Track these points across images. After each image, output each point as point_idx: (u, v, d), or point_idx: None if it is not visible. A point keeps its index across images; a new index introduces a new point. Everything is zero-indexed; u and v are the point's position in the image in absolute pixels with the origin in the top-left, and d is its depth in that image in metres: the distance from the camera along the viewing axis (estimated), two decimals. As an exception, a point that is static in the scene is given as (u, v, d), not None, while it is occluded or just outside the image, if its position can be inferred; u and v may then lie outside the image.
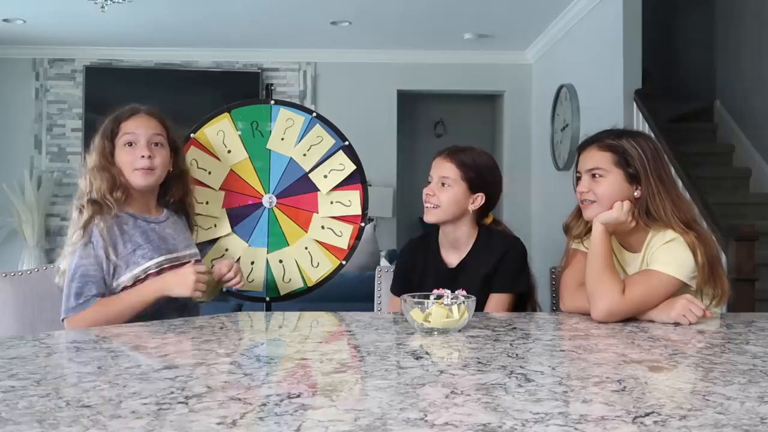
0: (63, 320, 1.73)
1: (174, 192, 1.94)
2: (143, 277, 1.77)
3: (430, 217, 1.91)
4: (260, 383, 1.02)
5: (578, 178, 1.77)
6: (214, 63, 6.37)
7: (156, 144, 1.84)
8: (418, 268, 1.97)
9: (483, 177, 1.91)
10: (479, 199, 1.90)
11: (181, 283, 1.74)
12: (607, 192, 1.69)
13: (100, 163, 1.80)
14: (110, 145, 1.82)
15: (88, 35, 5.86)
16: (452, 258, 1.93)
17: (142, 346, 1.30)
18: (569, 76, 5.27)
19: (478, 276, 1.85)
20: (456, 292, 1.50)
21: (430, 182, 1.92)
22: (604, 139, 1.74)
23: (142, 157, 1.80)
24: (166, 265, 1.80)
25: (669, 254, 1.64)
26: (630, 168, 1.69)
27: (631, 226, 1.70)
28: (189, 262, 1.83)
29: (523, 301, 1.92)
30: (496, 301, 1.84)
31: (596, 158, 1.71)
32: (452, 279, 1.83)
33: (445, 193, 1.88)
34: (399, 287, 1.97)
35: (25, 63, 6.28)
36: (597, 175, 1.70)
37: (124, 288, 1.76)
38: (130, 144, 1.82)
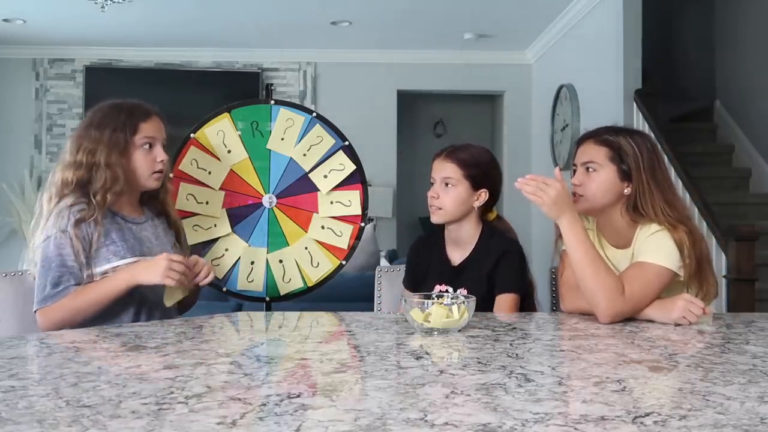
0: (36, 311, 1.67)
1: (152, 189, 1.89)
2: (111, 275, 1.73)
3: (436, 219, 1.92)
4: (260, 383, 1.02)
5: (574, 171, 1.77)
6: (214, 63, 6.36)
7: (164, 147, 1.85)
8: (423, 265, 1.98)
9: (484, 173, 1.91)
10: (483, 195, 1.90)
11: (151, 268, 1.67)
12: (598, 187, 1.70)
13: (112, 160, 1.76)
14: (126, 141, 1.78)
15: (88, 35, 5.86)
16: (456, 256, 1.93)
17: (142, 346, 1.30)
18: (569, 76, 5.27)
19: (480, 275, 1.85)
20: (458, 291, 1.50)
21: (432, 184, 1.92)
22: (601, 134, 1.75)
23: (161, 161, 1.81)
24: None
25: (654, 244, 1.64)
26: (624, 164, 1.69)
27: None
28: None
29: (523, 303, 1.92)
30: (504, 302, 1.83)
31: (591, 152, 1.72)
32: (455, 277, 1.82)
33: (448, 194, 1.88)
34: (409, 282, 2.01)
35: (25, 63, 6.28)
36: (591, 169, 1.71)
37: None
38: (150, 146, 1.81)
